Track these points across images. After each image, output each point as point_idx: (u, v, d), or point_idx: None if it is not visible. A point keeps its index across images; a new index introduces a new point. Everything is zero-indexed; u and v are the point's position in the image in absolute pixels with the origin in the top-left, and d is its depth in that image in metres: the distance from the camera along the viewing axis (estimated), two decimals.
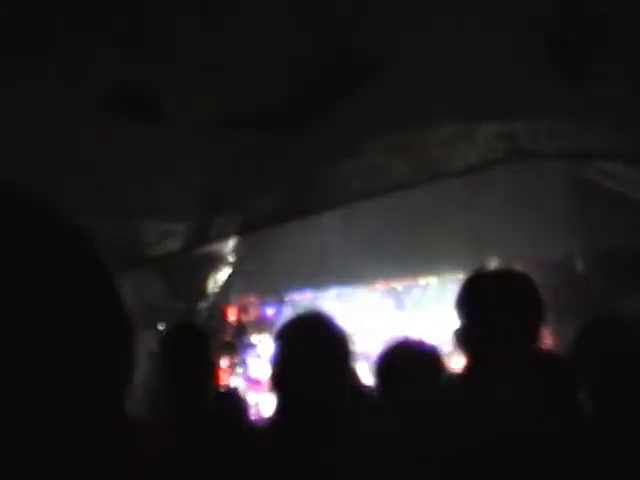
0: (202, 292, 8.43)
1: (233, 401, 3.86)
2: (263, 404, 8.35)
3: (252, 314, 10.60)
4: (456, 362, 3.26)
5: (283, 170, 6.29)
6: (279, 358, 2.83)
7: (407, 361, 3.51)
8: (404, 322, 11.37)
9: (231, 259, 8.97)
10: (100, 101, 4.81)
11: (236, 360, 9.92)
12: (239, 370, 9.93)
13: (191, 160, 5.70)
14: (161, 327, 7.24)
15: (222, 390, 5.14)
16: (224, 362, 9.22)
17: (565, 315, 10.88)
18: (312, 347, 2.77)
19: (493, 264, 2.84)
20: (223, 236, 7.70)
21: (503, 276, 2.82)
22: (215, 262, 8.59)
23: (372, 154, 6.30)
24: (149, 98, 4.88)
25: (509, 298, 2.65)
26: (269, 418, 3.04)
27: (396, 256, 10.11)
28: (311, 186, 6.48)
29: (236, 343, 9.91)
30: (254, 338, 10.30)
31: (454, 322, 2.71)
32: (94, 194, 5.52)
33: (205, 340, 3.86)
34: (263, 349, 9.59)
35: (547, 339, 11.51)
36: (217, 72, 4.88)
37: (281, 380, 2.80)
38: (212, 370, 3.74)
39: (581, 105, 5.72)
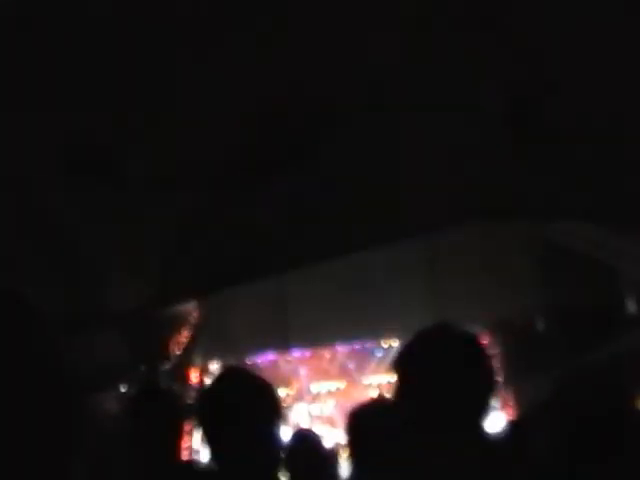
0: (164, 354, 8.38)
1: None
2: None
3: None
4: None
5: (244, 230, 6.32)
6: (208, 417, 2.84)
7: (374, 422, 3.50)
8: (366, 383, 11.35)
9: (193, 321, 8.95)
10: (59, 163, 4.82)
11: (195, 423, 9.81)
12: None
13: (152, 221, 5.70)
14: (123, 389, 7.19)
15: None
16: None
17: (526, 373, 10.96)
18: (237, 401, 2.78)
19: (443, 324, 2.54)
20: (185, 298, 7.69)
21: (446, 338, 2.52)
22: (177, 324, 8.55)
23: (328, 216, 6.34)
24: (107, 160, 4.89)
25: (451, 363, 2.42)
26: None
27: (359, 318, 10.14)
28: (271, 247, 6.50)
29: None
30: None
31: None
32: (53, 256, 5.50)
33: (176, 403, 3.84)
34: None
35: (508, 398, 11.57)
36: (173, 133, 4.92)
37: (213, 437, 2.80)
38: (182, 433, 3.72)
39: (542, 166, 5.82)
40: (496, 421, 10.07)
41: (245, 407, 2.72)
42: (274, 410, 2.79)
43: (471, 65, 4.78)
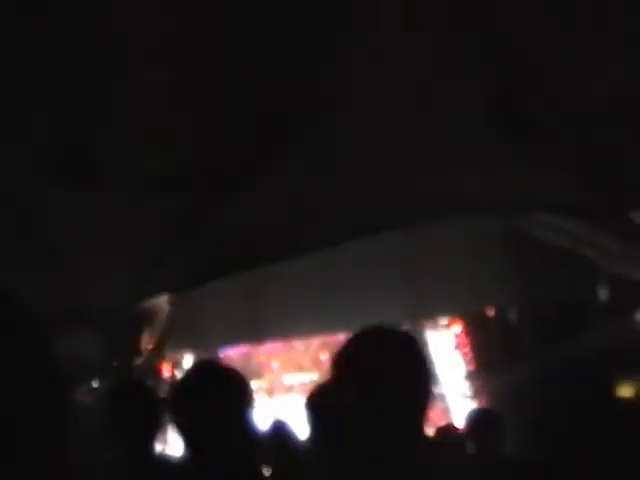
0: (136, 348, 8.35)
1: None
2: None
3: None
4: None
5: (219, 227, 6.31)
6: (181, 410, 2.84)
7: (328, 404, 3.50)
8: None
9: (166, 315, 8.91)
10: (39, 164, 4.79)
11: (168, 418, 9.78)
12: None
13: (126, 218, 5.69)
14: (95, 384, 7.16)
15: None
16: None
17: (498, 364, 11.04)
18: (211, 395, 2.77)
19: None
20: (158, 292, 7.67)
21: (385, 339, 2.49)
22: (150, 318, 8.52)
23: (309, 207, 6.34)
24: (86, 160, 4.87)
25: (385, 365, 2.38)
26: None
27: (332, 311, 10.15)
28: (246, 242, 6.50)
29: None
30: None
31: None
32: (29, 252, 5.48)
33: (151, 396, 3.86)
34: None
35: (480, 388, 11.65)
36: (154, 134, 4.90)
37: (186, 431, 2.80)
38: (157, 426, 3.73)
39: (519, 158, 5.85)
40: (468, 409, 10.16)
41: (217, 398, 2.72)
42: (246, 401, 2.80)
43: (452, 60, 4.80)
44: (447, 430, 6.87)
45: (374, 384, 2.34)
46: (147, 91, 4.51)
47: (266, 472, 4.81)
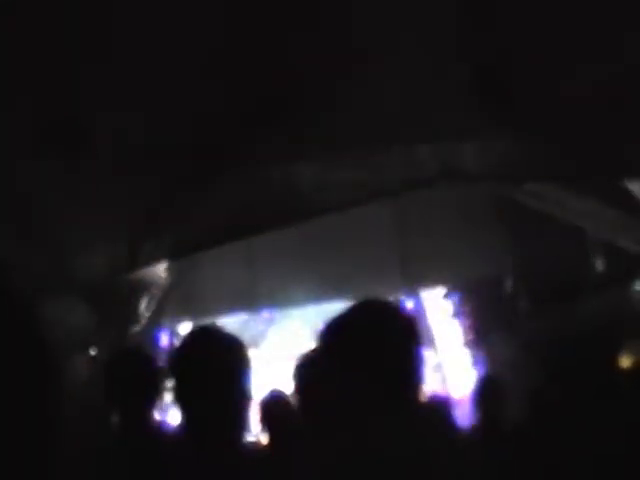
0: (133, 317, 8.36)
1: None
2: None
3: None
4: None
5: (212, 195, 6.29)
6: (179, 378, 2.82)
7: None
8: None
9: (162, 283, 8.91)
10: (31, 133, 4.76)
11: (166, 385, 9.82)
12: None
13: (120, 185, 5.66)
14: (92, 352, 7.16)
15: None
16: None
17: (494, 333, 11.07)
18: (206, 361, 2.76)
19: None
20: (154, 260, 7.65)
21: (372, 312, 2.47)
22: (146, 287, 8.52)
23: (305, 176, 6.34)
24: (78, 128, 4.85)
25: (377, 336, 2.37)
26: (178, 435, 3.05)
27: (327, 278, 10.16)
28: (242, 209, 6.48)
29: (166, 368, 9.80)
30: None
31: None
32: (22, 222, 5.45)
33: (149, 364, 3.85)
34: None
35: (477, 357, 11.68)
36: (149, 100, 4.88)
37: (184, 399, 2.78)
38: (156, 394, 3.73)
39: (508, 128, 5.84)
40: (466, 379, 10.17)
41: (215, 365, 2.71)
42: (244, 367, 2.78)
43: (438, 33, 4.78)
44: (439, 399, 6.88)
45: (364, 357, 2.33)
46: (137, 64, 4.47)
47: (263, 441, 4.82)
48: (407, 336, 2.42)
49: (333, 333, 2.45)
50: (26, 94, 4.32)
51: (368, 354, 2.35)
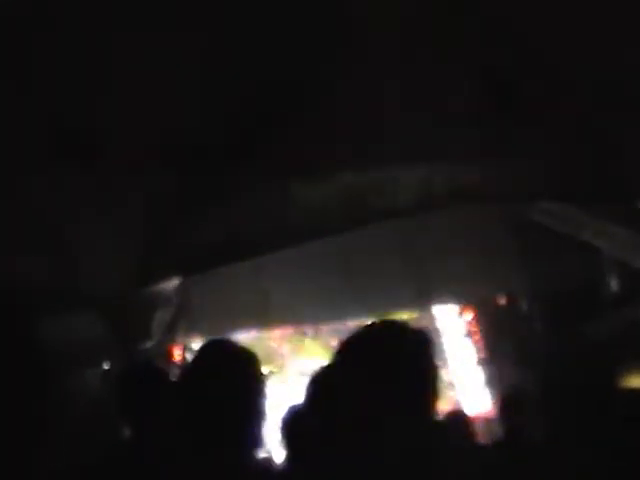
0: (147, 332, 8.35)
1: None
2: None
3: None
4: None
5: (226, 213, 6.30)
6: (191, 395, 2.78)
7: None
8: None
9: (176, 299, 8.92)
10: (41, 148, 4.77)
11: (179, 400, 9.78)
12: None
13: (134, 202, 5.68)
14: (106, 367, 7.16)
15: None
16: None
17: (508, 352, 11.02)
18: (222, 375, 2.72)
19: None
20: (167, 276, 7.66)
21: (389, 333, 2.48)
22: (160, 302, 8.52)
23: (307, 198, 6.34)
24: (88, 143, 4.85)
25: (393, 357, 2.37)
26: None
27: (341, 295, 10.15)
28: (254, 228, 6.49)
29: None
30: None
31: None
32: (36, 239, 5.47)
33: (162, 379, 3.85)
34: None
35: (491, 376, 11.63)
36: (153, 110, 4.89)
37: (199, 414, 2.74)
38: (169, 408, 3.73)
39: (522, 147, 5.83)
40: (481, 398, 10.11)
41: (229, 378, 2.68)
42: (258, 380, 2.75)
43: (446, 46, 4.77)
44: (456, 415, 6.85)
45: (381, 373, 2.33)
46: (151, 68, 4.49)
47: (280, 456, 4.78)
48: (424, 353, 2.42)
49: (352, 350, 2.44)
50: (39, 104, 4.34)
51: (385, 370, 2.34)
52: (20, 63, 4.00)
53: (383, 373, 2.35)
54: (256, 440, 2.72)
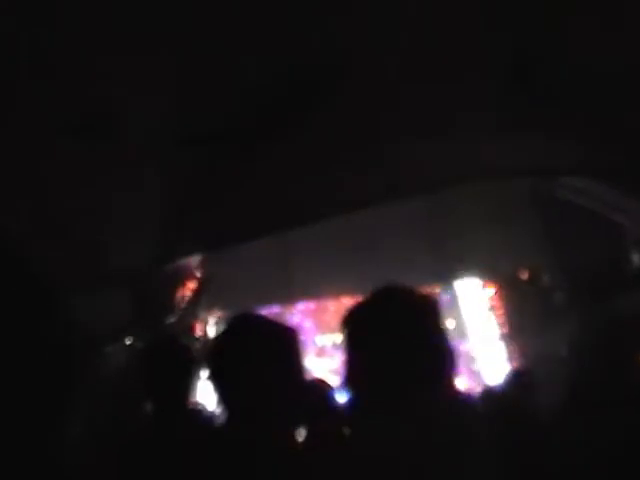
0: (169, 308, 8.41)
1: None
2: None
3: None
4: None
5: (249, 187, 6.30)
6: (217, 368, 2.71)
7: None
8: None
9: (198, 275, 8.97)
10: (58, 125, 4.78)
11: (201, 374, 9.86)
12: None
13: (155, 178, 5.69)
14: (128, 341, 7.22)
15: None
16: None
17: (531, 327, 11.01)
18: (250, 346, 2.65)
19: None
20: (189, 252, 7.70)
21: (395, 299, 2.49)
22: (182, 278, 8.58)
23: (337, 172, 6.33)
24: (108, 119, 4.85)
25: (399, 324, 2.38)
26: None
27: (362, 272, 10.16)
28: (277, 203, 6.50)
29: (203, 358, 9.85)
30: None
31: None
32: (58, 216, 5.49)
33: (187, 354, 3.87)
34: None
35: (514, 351, 11.63)
36: (175, 91, 4.88)
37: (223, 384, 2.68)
38: (193, 383, 3.75)
39: (545, 122, 5.79)
40: (502, 372, 10.12)
41: (262, 350, 2.62)
42: (292, 354, 2.68)
43: (468, 29, 4.73)
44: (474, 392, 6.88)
45: (383, 342, 2.35)
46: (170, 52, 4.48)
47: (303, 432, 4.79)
48: (435, 325, 2.42)
49: (353, 321, 2.45)
50: (56, 85, 4.34)
51: (385, 339, 2.36)
52: (35, 42, 4.01)
53: (383, 340, 2.36)
54: (295, 417, 2.69)
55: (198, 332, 10.16)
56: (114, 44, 4.16)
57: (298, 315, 12.14)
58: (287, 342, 2.71)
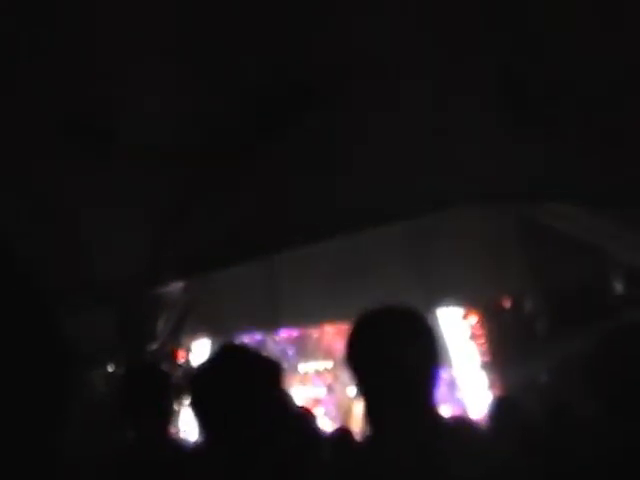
0: (151, 334, 8.37)
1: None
2: None
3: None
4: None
5: (233, 212, 6.30)
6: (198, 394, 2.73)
7: None
8: None
9: (181, 301, 8.93)
10: (53, 133, 4.77)
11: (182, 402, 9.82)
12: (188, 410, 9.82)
13: (140, 203, 5.68)
14: (110, 368, 7.17)
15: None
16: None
17: (513, 354, 11.01)
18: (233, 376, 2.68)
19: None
20: (173, 278, 7.67)
21: (387, 318, 2.53)
22: (165, 304, 8.54)
23: (317, 195, 6.32)
24: (101, 129, 4.85)
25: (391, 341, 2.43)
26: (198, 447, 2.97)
27: (346, 299, 10.15)
28: (259, 229, 6.49)
29: (185, 385, 9.80)
30: None
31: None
32: (42, 235, 5.47)
33: (166, 381, 3.85)
34: None
35: (495, 378, 11.62)
36: (168, 101, 4.89)
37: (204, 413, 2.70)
38: (172, 410, 3.73)
39: (530, 150, 5.82)
40: (484, 399, 10.09)
41: (244, 381, 2.61)
42: (274, 384, 2.68)
43: (461, 44, 4.76)
44: (461, 418, 6.85)
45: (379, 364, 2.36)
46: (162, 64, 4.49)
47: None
48: (425, 339, 2.46)
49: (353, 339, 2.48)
50: (49, 90, 4.34)
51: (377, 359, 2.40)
52: (34, 46, 4.02)
53: (376, 361, 2.41)
54: (269, 443, 2.69)
55: (180, 359, 10.12)
56: (114, 44, 4.17)
57: (281, 342, 12.11)
58: (270, 374, 2.71)
